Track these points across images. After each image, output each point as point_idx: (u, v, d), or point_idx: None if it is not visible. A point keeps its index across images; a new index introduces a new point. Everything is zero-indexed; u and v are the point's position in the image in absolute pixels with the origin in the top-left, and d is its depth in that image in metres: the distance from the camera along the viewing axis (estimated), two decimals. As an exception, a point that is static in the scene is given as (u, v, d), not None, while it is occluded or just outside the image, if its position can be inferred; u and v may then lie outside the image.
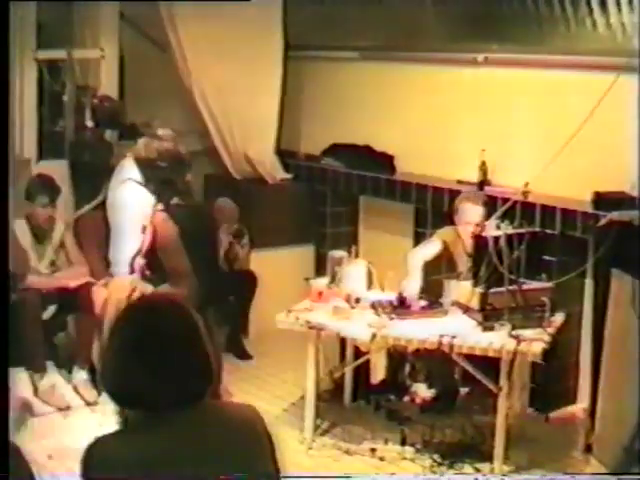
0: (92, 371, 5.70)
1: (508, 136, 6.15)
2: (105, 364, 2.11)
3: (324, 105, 7.51)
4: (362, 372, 5.81)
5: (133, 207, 5.02)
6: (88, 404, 5.54)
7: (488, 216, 5.45)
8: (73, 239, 6.11)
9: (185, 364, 2.08)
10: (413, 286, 5.35)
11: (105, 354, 2.12)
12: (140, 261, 4.80)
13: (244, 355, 6.83)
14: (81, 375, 5.73)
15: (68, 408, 5.54)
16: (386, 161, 6.95)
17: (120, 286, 5.07)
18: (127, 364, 2.06)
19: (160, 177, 4.48)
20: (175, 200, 4.49)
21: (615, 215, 5.08)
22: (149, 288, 4.71)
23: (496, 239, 5.02)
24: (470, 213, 5.47)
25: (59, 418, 5.43)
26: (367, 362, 5.72)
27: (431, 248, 5.54)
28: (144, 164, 4.58)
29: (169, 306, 2.18)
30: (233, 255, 6.84)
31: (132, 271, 5.07)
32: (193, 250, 4.50)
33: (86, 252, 6.12)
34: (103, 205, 5.84)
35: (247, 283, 6.88)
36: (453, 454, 5.11)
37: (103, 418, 4.88)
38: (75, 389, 5.68)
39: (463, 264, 5.47)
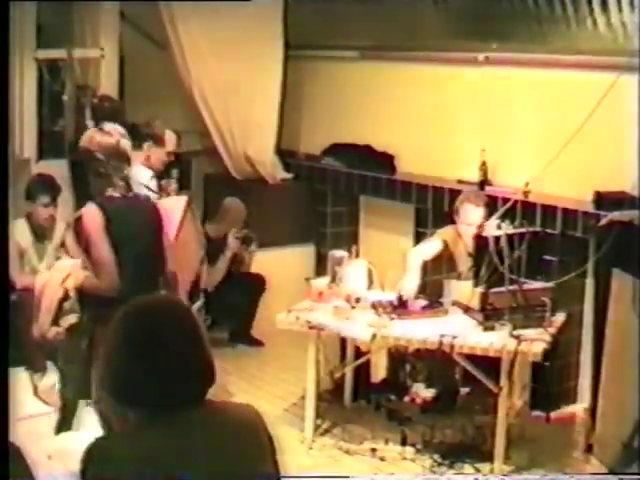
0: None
1: (508, 136, 6.15)
2: (106, 364, 2.11)
3: (324, 105, 7.51)
4: (362, 372, 5.81)
5: None
6: (88, 403, 5.52)
7: (489, 216, 5.44)
8: (75, 239, 6.10)
9: (186, 364, 2.08)
10: (410, 285, 5.34)
11: (109, 354, 2.12)
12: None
13: (255, 342, 6.90)
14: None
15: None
16: (386, 161, 6.95)
17: (60, 270, 5.10)
18: (128, 364, 2.06)
19: (95, 168, 4.56)
20: (109, 192, 4.54)
21: (616, 215, 5.08)
22: (82, 275, 4.74)
23: (497, 239, 5.02)
24: (471, 215, 5.46)
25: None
26: (367, 362, 5.71)
27: (431, 247, 5.53)
28: (83, 154, 4.66)
29: (170, 306, 2.19)
30: (239, 259, 6.88)
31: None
32: (126, 243, 4.54)
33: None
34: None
35: (255, 286, 6.91)
36: (453, 454, 5.10)
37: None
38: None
39: (463, 264, 5.46)
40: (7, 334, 3.03)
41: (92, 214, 4.49)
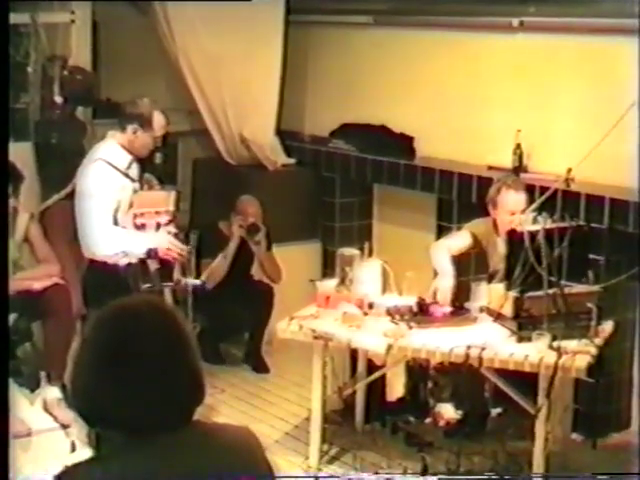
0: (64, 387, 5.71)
1: (548, 114, 6.14)
2: (77, 379, 2.09)
3: (332, 78, 7.51)
4: (376, 389, 5.82)
5: (99, 191, 5.06)
6: (64, 427, 5.51)
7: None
8: (41, 233, 6.09)
9: (171, 379, 2.07)
10: (445, 283, 5.31)
11: (77, 367, 2.09)
12: None
13: (261, 368, 6.83)
14: (53, 392, 5.71)
15: (29, 434, 5.49)
16: (405, 143, 6.95)
17: None
18: (103, 379, 2.04)
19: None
20: None
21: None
22: None
23: (533, 234, 5.00)
24: (512, 201, 5.42)
25: (15, 444, 5.39)
26: (382, 378, 5.73)
27: (458, 241, 5.52)
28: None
29: (152, 309, 2.15)
30: (249, 257, 6.84)
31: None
32: None
33: (55, 249, 6.12)
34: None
35: (260, 297, 6.84)
36: (483, 486, 5.11)
37: (77, 442, 4.88)
38: (45, 409, 5.65)
39: (495, 263, 5.45)
40: (7, 336, 3.08)
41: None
